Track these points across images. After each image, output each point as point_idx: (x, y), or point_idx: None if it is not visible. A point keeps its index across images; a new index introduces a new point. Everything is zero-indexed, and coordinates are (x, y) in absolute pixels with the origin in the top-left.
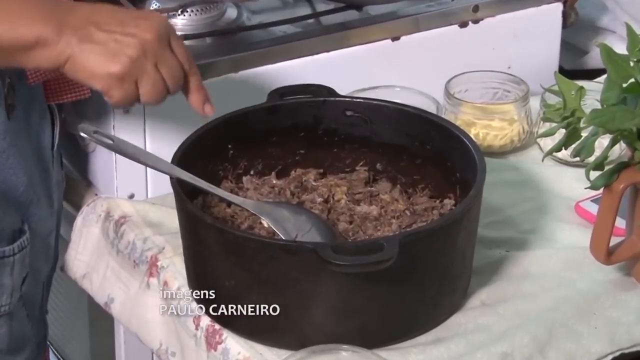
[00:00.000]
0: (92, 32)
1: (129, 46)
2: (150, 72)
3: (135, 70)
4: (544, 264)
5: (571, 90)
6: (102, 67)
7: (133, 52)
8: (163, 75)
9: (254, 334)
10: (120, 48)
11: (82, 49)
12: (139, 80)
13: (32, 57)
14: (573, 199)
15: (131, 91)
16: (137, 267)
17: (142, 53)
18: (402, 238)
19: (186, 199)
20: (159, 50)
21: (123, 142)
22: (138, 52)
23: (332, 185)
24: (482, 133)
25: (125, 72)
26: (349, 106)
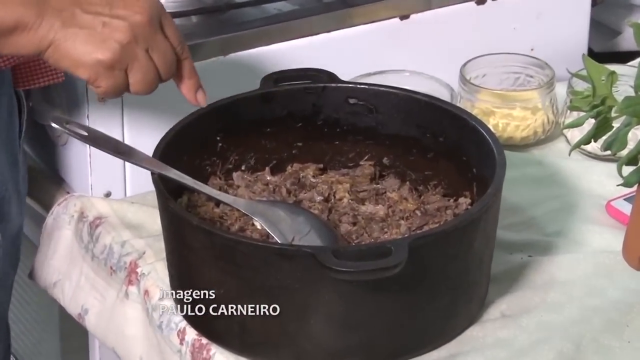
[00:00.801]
0: (77, 14)
1: (118, 30)
2: (142, 59)
3: (126, 57)
4: (571, 270)
5: (601, 76)
6: (89, 54)
7: (123, 37)
8: (155, 61)
9: (246, 349)
10: (108, 32)
11: (67, 34)
12: (129, 68)
13: (11, 43)
14: (604, 197)
15: (121, 80)
16: (114, 274)
17: (133, 38)
18: (412, 242)
19: (169, 198)
20: (150, 34)
21: (99, 133)
22: (128, 36)
23: (334, 182)
24: (502, 123)
25: (114, 60)
26: (352, 93)
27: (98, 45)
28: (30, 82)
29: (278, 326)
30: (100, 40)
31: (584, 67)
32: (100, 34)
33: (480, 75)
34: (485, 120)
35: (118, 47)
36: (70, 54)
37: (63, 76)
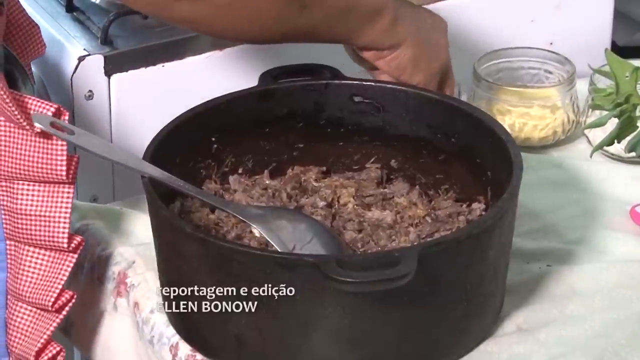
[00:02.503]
0: (415, 17)
1: (441, 35)
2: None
3: (448, 62)
4: (592, 280)
5: (625, 72)
6: (430, 61)
7: (446, 42)
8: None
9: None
10: (437, 39)
11: (415, 36)
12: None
13: (375, 28)
14: (628, 202)
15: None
16: (102, 285)
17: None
18: (422, 250)
19: (161, 203)
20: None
21: (86, 134)
22: (447, 41)
23: (337, 186)
24: (519, 123)
25: (444, 66)
26: (357, 90)
27: (435, 54)
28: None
29: (278, 341)
30: (437, 41)
31: (607, 62)
32: (435, 34)
33: (495, 71)
34: (500, 120)
35: (445, 54)
36: (418, 61)
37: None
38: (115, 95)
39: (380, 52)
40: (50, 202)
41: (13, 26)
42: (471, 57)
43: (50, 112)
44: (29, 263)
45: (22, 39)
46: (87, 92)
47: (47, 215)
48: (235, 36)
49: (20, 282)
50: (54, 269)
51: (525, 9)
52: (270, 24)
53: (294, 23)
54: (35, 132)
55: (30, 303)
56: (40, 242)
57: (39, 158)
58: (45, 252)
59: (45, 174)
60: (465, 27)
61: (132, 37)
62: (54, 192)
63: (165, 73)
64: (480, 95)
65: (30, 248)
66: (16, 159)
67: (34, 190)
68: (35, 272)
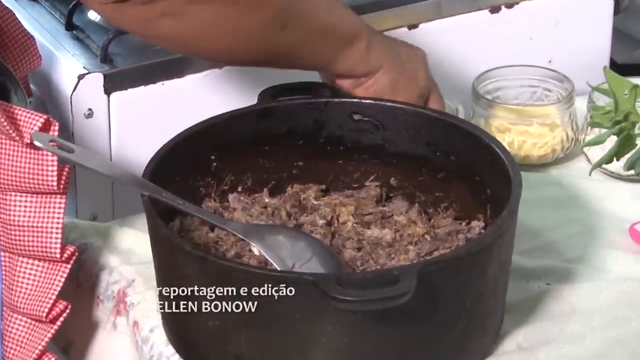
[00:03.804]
0: (391, 44)
1: (419, 61)
2: (437, 85)
3: (429, 84)
4: (592, 299)
5: (624, 89)
6: (409, 86)
7: (426, 67)
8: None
9: None
10: (414, 64)
11: (391, 61)
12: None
13: (351, 53)
14: (627, 220)
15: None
16: (101, 303)
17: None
18: (421, 268)
19: (160, 222)
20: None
21: (85, 152)
22: (427, 66)
23: (337, 204)
24: (518, 141)
25: (425, 89)
26: (356, 108)
27: (413, 78)
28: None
29: (277, 359)
30: (414, 70)
31: (606, 80)
32: (410, 65)
33: (494, 89)
34: (499, 138)
35: (424, 79)
36: (395, 85)
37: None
38: (114, 114)
39: (357, 79)
40: (42, 213)
41: (8, 38)
42: (470, 75)
43: (40, 123)
44: (23, 274)
45: (16, 51)
46: (86, 110)
47: (40, 226)
48: (217, 55)
49: (15, 293)
50: (47, 279)
51: (524, 26)
52: (251, 43)
53: (275, 43)
54: (25, 143)
55: (24, 314)
56: (34, 252)
57: (30, 169)
58: (39, 262)
59: (36, 184)
60: (465, 45)
61: (131, 56)
62: (46, 203)
63: (165, 91)
64: (479, 113)
65: (24, 259)
66: (7, 170)
67: (26, 201)
68: (29, 283)
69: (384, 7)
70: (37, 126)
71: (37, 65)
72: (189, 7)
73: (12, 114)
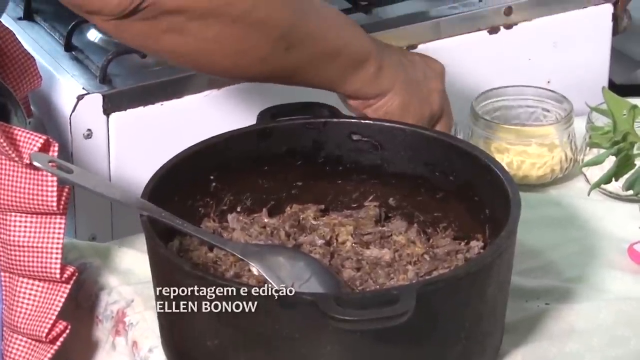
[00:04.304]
0: (406, 64)
1: (435, 80)
2: (449, 107)
3: (442, 105)
4: (591, 319)
5: (623, 110)
6: (420, 108)
7: (441, 86)
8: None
9: None
10: (429, 84)
11: (403, 84)
12: (440, 116)
13: (359, 76)
14: (626, 240)
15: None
16: (100, 323)
17: (443, 86)
18: (420, 288)
19: (159, 242)
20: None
21: (84, 173)
22: (442, 85)
23: (336, 224)
24: (517, 161)
25: (437, 111)
26: (355, 128)
27: (426, 99)
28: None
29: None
30: (428, 91)
31: (604, 100)
32: (425, 84)
33: (493, 109)
34: (498, 158)
35: (438, 99)
36: (406, 107)
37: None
38: (114, 134)
39: (366, 100)
40: (42, 233)
41: (8, 58)
42: (469, 95)
43: (39, 144)
44: (23, 294)
45: (17, 71)
46: (85, 131)
47: (39, 246)
48: (220, 71)
49: (15, 314)
50: (47, 299)
51: (522, 47)
52: (255, 62)
53: (279, 63)
54: (24, 163)
55: (24, 334)
56: (34, 273)
57: (30, 189)
58: (39, 283)
59: (36, 205)
60: (463, 66)
61: (130, 76)
62: (46, 223)
63: (164, 112)
64: (478, 133)
65: (24, 279)
66: (7, 191)
67: (26, 222)
68: (30, 303)
69: (383, 28)
70: (37, 147)
71: (37, 85)
72: (192, 24)
73: (11, 135)
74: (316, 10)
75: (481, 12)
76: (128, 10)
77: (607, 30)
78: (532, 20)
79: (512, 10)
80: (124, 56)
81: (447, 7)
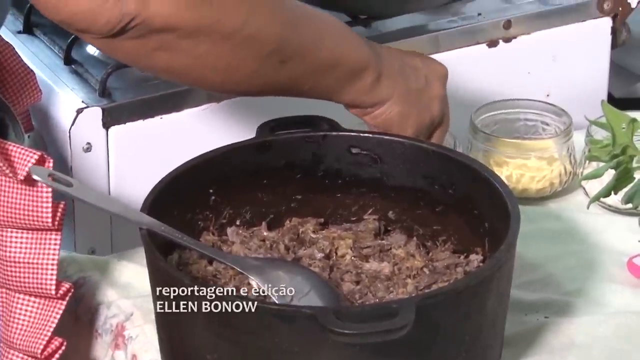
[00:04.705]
0: (406, 71)
1: (436, 86)
2: (448, 115)
3: (442, 112)
4: (591, 332)
5: (622, 123)
6: (418, 117)
7: (442, 92)
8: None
9: None
10: (430, 90)
11: (401, 93)
12: (439, 123)
13: (357, 86)
14: (625, 253)
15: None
16: (99, 337)
17: (445, 91)
18: (420, 301)
19: (159, 255)
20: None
21: (84, 186)
22: (444, 90)
23: (335, 237)
24: (516, 174)
25: (436, 117)
26: (355, 142)
27: (426, 106)
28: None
29: None
30: (429, 98)
31: (603, 113)
32: (427, 91)
33: (492, 122)
34: (497, 171)
35: (439, 104)
36: (405, 116)
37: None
38: (113, 148)
39: (364, 109)
40: (37, 249)
41: (8, 72)
42: (468, 108)
43: (34, 160)
44: (19, 310)
45: (16, 85)
46: (85, 144)
47: (35, 263)
48: (213, 86)
49: (11, 330)
50: (43, 316)
51: (522, 61)
52: (247, 78)
53: (273, 77)
54: (18, 179)
55: (20, 350)
56: (29, 289)
57: (25, 205)
58: (35, 299)
59: (31, 221)
60: (462, 79)
61: (130, 90)
62: (41, 239)
63: (163, 125)
64: (477, 146)
65: (21, 295)
66: (2, 207)
67: (22, 238)
68: (25, 319)
69: (382, 41)
70: (31, 162)
71: (37, 99)
72: (182, 42)
73: (6, 151)
74: (311, 23)
75: (480, 25)
76: (116, 29)
77: (606, 43)
78: (531, 33)
79: (511, 23)
80: (124, 69)
81: (446, 20)
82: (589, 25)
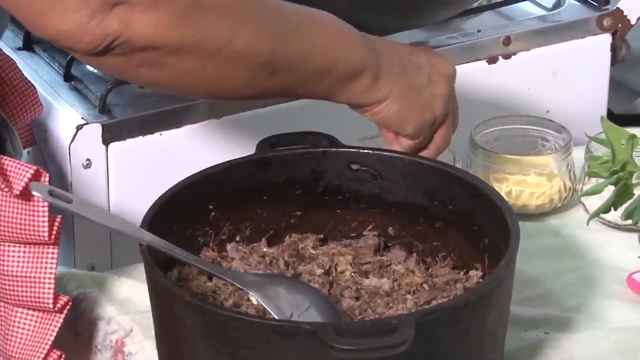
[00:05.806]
0: (408, 68)
1: (440, 83)
2: (455, 113)
3: (446, 111)
4: (590, 348)
5: (621, 139)
6: (419, 115)
7: (446, 90)
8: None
9: None
10: (434, 88)
11: (401, 90)
12: (444, 121)
13: (354, 89)
14: (625, 269)
15: (431, 132)
16: (99, 353)
17: (451, 90)
18: (419, 317)
19: (159, 271)
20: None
21: (83, 202)
22: (449, 89)
23: (335, 253)
24: (516, 190)
25: (439, 116)
26: (354, 158)
27: (428, 105)
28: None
29: None
30: (432, 96)
31: (603, 130)
32: (429, 89)
33: (492, 138)
34: (497, 187)
35: (441, 103)
36: (404, 113)
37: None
38: (113, 164)
39: (362, 107)
40: (34, 263)
41: (8, 86)
42: (468, 125)
43: (29, 174)
44: (18, 324)
45: (17, 99)
46: (85, 160)
47: (32, 276)
48: (202, 97)
49: (10, 343)
50: (41, 329)
51: (521, 77)
52: (238, 87)
53: (264, 86)
54: (14, 194)
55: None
56: (27, 302)
57: (21, 220)
58: (33, 312)
59: (28, 235)
60: (462, 95)
61: (129, 106)
62: (38, 253)
63: (163, 141)
64: (477, 162)
65: (19, 309)
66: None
67: (19, 252)
68: (24, 332)
69: None
70: (27, 177)
71: (38, 113)
72: (167, 59)
73: (2, 165)
74: (304, 32)
75: (480, 42)
76: (100, 48)
77: (605, 60)
78: (530, 50)
79: (510, 40)
80: (123, 86)
81: (445, 37)
82: (589, 41)
